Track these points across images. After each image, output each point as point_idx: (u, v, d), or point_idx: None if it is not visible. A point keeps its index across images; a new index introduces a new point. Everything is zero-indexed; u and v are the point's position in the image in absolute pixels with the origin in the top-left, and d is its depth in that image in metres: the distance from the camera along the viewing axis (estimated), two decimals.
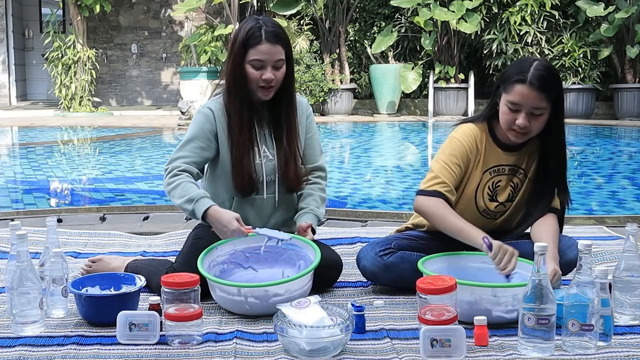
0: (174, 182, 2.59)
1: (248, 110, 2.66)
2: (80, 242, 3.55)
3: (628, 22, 10.61)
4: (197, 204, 2.54)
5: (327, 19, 12.14)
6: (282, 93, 2.68)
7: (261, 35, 2.58)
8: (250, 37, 2.58)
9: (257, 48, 2.58)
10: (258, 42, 2.57)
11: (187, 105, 10.43)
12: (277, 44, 2.59)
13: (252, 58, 2.59)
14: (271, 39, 2.58)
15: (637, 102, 10.76)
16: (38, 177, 6.55)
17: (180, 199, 2.56)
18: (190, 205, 2.54)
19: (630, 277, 2.31)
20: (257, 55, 2.58)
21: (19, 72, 14.66)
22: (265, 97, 2.65)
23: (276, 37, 2.59)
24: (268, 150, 2.71)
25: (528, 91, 2.43)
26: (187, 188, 2.57)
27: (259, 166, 2.69)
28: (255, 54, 2.58)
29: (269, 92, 2.64)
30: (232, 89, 2.65)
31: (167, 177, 2.62)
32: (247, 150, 2.66)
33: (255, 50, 2.58)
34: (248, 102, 2.66)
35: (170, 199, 2.62)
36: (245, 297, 2.37)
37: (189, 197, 2.55)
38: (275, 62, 2.60)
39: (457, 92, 11.56)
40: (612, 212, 5.00)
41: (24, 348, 2.13)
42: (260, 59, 2.58)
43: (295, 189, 2.78)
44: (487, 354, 2.08)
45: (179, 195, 2.56)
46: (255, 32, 2.58)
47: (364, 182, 6.52)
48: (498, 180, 2.64)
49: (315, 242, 2.63)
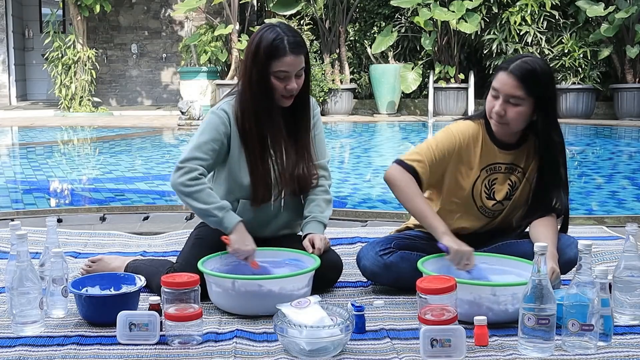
0: (197, 185, 2.57)
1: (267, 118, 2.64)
2: (80, 242, 3.55)
3: (628, 22, 10.61)
4: (229, 214, 2.57)
5: (327, 19, 12.13)
6: (299, 98, 2.68)
7: (285, 47, 2.55)
8: (275, 49, 2.55)
9: (282, 60, 2.55)
10: (283, 54, 2.55)
11: (187, 105, 10.43)
12: (301, 54, 2.59)
13: (276, 70, 2.57)
14: (295, 50, 2.57)
15: (637, 102, 10.76)
16: (38, 177, 6.55)
17: (205, 204, 2.56)
18: (220, 213, 2.56)
19: (630, 277, 2.31)
20: (282, 67, 2.56)
21: (19, 72, 14.66)
22: (286, 104, 2.65)
23: (299, 47, 2.58)
24: (283, 155, 2.70)
25: (506, 78, 2.49)
26: (213, 196, 2.59)
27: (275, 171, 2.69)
28: (280, 66, 2.56)
29: (290, 100, 2.64)
30: (254, 100, 2.62)
31: (184, 177, 2.57)
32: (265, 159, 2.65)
33: (279, 62, 2.56)
34: (268, 111, 2.64)
35: (187, 199, 2.58)
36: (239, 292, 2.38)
37: (220, 205, 2.57)
38: (298, 71, 2.60)
39: (457, 92, 11.56)
40: (612, 212, 5.00)
41: (24, 348, 2.13)
42: (286, 70, 2.57)
43: (305, 191, 2.78)
44: (487, 354, 2.08)
45: (204, 200, 2.56)
46: (280, 44, 2.55)
47: (364, 182, 6.53)
48: (494, 178, 2.65)
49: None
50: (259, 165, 2.65)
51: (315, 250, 2.62)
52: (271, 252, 2.68)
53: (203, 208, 2.57)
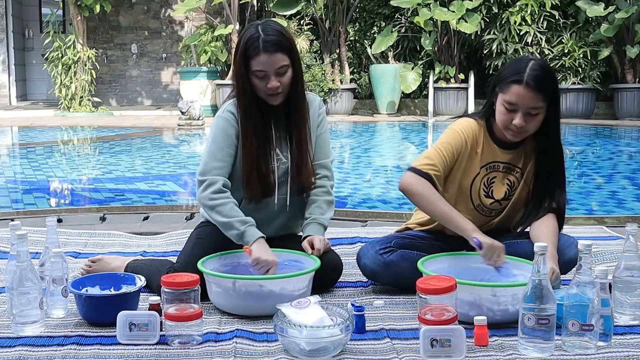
0: (220, 199, 2.59)
1: (262, 115, 2.64)
2: (80, 242, 3.55)
3: (628, 22, 10.61)
4: (251, 229, 2.57)
5: (327, 19, 12.13)
6: (291, 96, 2.66)
7: (259, 46, 2.54)
8: (249, 48, 2.55)
9: (257, 59, 2.55)
10: (257, 53, 2.54)
11: (187, 105, 10.42)
12: (277, 52, 2.55)
13: (254, 69, 2.57)
14: (269, 48, 2.54)
15: (637, 102, 10.76)
16: (38, 177, 6.55)
17: (228, 217, 2.57)
18: (242, 226, 2.56)
19: (630, 277, 2.31)
20: (258, 66, 2.56)
21: (19, 72, 14.66)
22: (274, 102, 2.63)
23: (274, 46, 2.55)
24: (282, 153, 2.70)
25: (524, 91, 2.44)
26: (236, 210, 2.60)
27: (273, 169, 2.68)
28: (256, 65, 2.56)
29: (277, 98, 2.62)
30: (240, 98, 2.64)
31: (207, 190, 2.60)
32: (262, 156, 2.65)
33: (255, 61, 2.55)
34: (262, 108, 2.64)
35: (211, 212, 2.60)
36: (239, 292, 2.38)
37: (243, 220, 2.57)
38: (277, 69, 2.57)
39: (457, 92, 11.56)
40: (612, 212, 5.00)
41: (24, 348, 2.13)
42: (262, 69, 2.56)
43: (306, 190, 2.77)
44: (487, 354, 2.08)
45: (226, 213, 2.57)
46: (254, 43, 2.55)
47: (364, 182, 6.52)
48: (493, 176, 2.65)
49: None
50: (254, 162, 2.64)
51: (315, 251, 2.61)
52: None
53: (225, 221, 2.57)
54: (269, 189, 2.69)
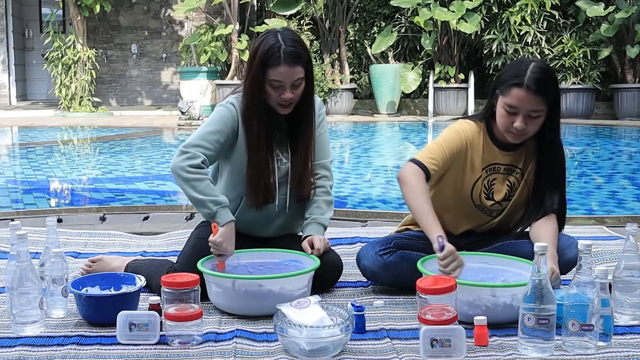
0: (197, 174, 2.54)
1: (267, 122, 2.63)
2: (80, 242, 3.55)
3: (628, 22, 10.61)
4: (224, 210, 2.55)
5: (327, 19, 12.13)
6: (301, 107, 2.65)
7: (280, 57, 2.52)
8: (270, 58, 2.53)
9: (276, 69, 2.53)
10: (277, 63, 2.52)
11: (187, 105, 10.43)
12: (296, 65, 2.54)
13: (271, 78, 2.55)
14: (290, 60, 2.53)
15: (637, 102, 10.76)
16: (38, 177, 6.55)
17: (202, 195, 2.53)
18: (215, 207, 2.53)
19: (630, 277, 2.31)
20: (276, 77, 2.54)
21: (19, 72, 14.66)
22: (283, 112, 2.63)
23: (295, 58, 2.54)
24: (282, 153, 2.70)
25: (525, 95, 2.43)
26: (212, 189, 2.57)
27: (273, 169, 2.68)
28: (274, 75, 2.54)
29: (288, 109, 2.62)
30: (250, 104, 2.62)
31: (186, 162, 2.55)
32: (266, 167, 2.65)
33: (274, 72, 2.53)
34: (267, 115, 2.63)
35: (185, 185, 2.55)
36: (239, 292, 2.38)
37: (217, 200, 2.54)
38: (293, 82, 2.56)
39: (457, 92, 11.56)
40: (612, 212, 5.00)
41: (24, 348, 2.13)
42: (279, 79, 2.54)
43: (305, 200, 2.76)
44: (487, 354, 2.08)
45: (201, 190, 2.53)
46: (275, 53, 2.52)
47: (364, 182, 6.53)
48: (493, 178, 2.65)
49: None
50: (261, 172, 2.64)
51: (315, 251, 2.61)
52: (270, 253, 2.69)
53: (199, 198, 2.54)
54: (271, 196, 2.69)
